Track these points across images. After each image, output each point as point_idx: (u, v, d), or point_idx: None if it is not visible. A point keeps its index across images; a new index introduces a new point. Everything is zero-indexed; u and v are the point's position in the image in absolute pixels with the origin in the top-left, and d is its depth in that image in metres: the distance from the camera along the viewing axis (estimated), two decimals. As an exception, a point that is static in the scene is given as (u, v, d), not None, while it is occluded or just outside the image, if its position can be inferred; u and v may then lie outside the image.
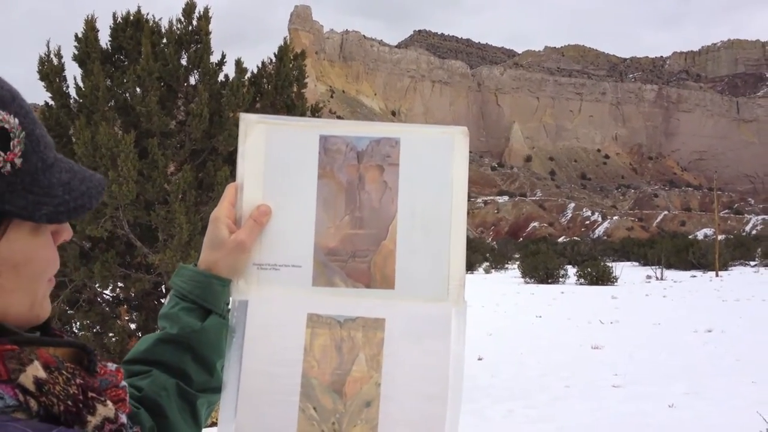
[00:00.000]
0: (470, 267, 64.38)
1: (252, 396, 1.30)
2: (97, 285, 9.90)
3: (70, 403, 0.95)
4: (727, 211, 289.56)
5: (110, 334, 9.88)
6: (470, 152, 1.39)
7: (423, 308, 1.32)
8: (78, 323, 9.97)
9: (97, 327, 10.01)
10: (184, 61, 10.22)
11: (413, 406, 1.30)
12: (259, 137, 1.37)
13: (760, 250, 71.88)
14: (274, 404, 1.29)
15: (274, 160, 1.36)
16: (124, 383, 1.12)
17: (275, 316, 1.32)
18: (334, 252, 1.34)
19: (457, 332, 1.32)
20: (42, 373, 0.93)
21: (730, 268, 57.59)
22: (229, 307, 1.38)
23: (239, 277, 1.35)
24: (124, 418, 1.05)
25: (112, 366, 1.11)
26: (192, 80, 10.38)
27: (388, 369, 1.31)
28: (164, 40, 10.14)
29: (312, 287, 1.33)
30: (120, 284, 10.24)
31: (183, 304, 1.37)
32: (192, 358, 1.36)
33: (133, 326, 10.43)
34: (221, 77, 10.50)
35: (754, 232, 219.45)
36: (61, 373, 0.96)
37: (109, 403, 1.02)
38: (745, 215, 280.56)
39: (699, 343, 17.27)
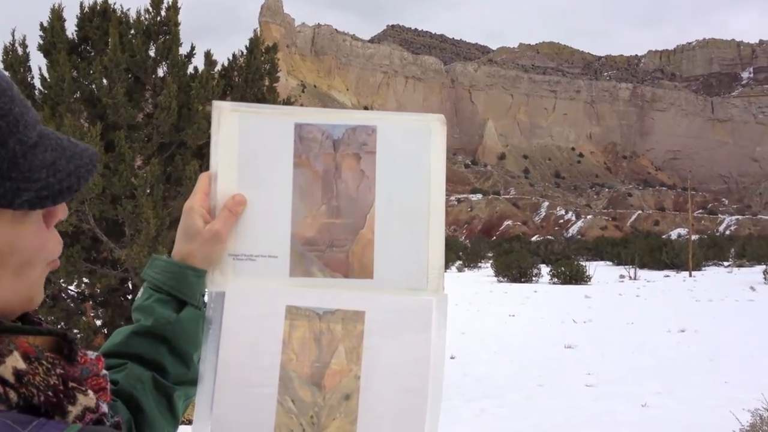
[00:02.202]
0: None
1: (229, 388, 1.29)
2: (61, 280, 9.82)
3: (50, 393, 0.94)
4: (700, 211, 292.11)
5: (75, 331, 9.79)
6: (444, 147, 1.39)
7: (403, 300, 1.32)
8: (42, 319, 9.85)
9: (62, 323, 9.92)
10: (152, 53, 10.16)
11: (393, 399, 1.29)
12: (233, 125, 1.36)
13: (733, 250, 72.70)
14: (252, 397, 1.29)
15: (249, 149, 1.35)
16: (104, 372, 1.10)
17: (253, 308, 1.31)
18: (312, 242, 1.34)
19: (438, 324, 1.32)
20: (21, 364, 0.92)
21: (703, 268, 58.07)
22: (205, 298, 1.37)
23: (215, 268, 1.34)
24: (105, 408, 1.04)
25: (92, 354, 1.09)
26: (160, 72, 10.31)
27: (368, 362, 1.30)
28: (132, 31, 10.07)
29: (289, 278, 1.33)
30: (85, 280, 10.17)
31: (157, 295, 1.36)
32: (168, 351, 1.36)
33: (98, 323, 10.36)
34: (190, 69, 10.45)
35: (727, 232, 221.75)
36: (41, 363, 0.95)
37: (89, 392, 1.00)
38: (719, 215, 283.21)
39: (672, 342, 17.43)
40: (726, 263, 67.07)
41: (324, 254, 1.34)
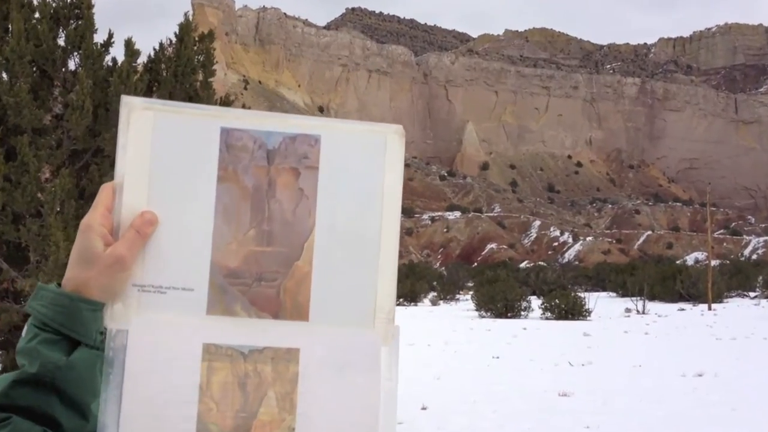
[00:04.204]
0: (414, 298, 64.54)
1: None
2: (-48, 317, 9.75)
3: None
4: (722, 231, 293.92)
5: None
6: (415, 158, 1.40)
7: (345, 335, 1.30)
8: None
9: (-48, 369, 9.85)
10: (61, 41, 10.13)
11: None
12: (145, 127, 1.31)
13: (761, 278, 72.97)
14: None
15: (163, 157, 1.31)
16: None
17: (162, 348, 1.28)
18: (236, 273, 1.30)
19: (389, 364, 1.30)
20: None
21: (725, 300, 58.58)
22: (104, 336, 1.32)
23: (115, 301, 1.30)
24: None
25: None
26: (71, 65, 10.28)
27: (304, 410, 1.27)
28: (37, 15, 10.05)
29: (206, 316, 1.29)
30: (-20, 316, 10.09)
31: (44, 334, 1.32)
32: (59, 401, 1.32)
33: (-3, 367, 10.29)
34: (108, 61, 10.41)
35: (754, 256, 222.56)
36: None
37: None
38: (744, 236, 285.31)
39: (687, 389, 17.50)
40: (752, 294, 67.62)
41: (250, 289, 1.30)
